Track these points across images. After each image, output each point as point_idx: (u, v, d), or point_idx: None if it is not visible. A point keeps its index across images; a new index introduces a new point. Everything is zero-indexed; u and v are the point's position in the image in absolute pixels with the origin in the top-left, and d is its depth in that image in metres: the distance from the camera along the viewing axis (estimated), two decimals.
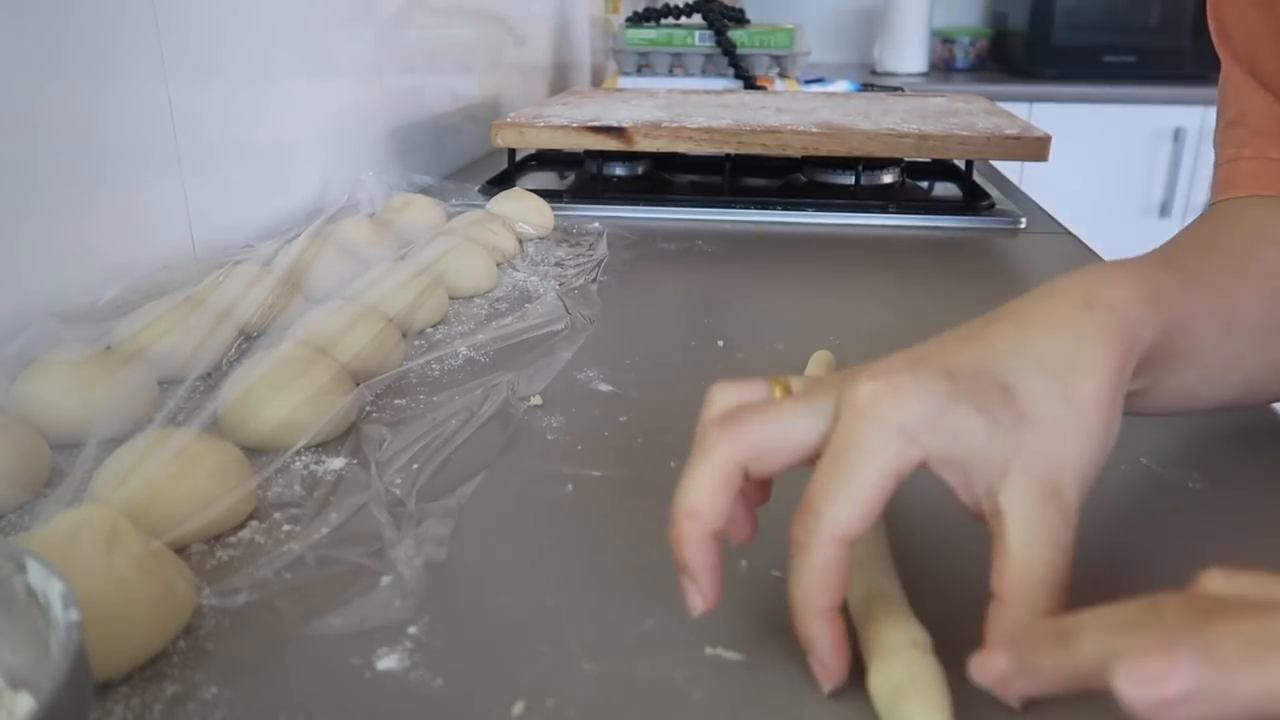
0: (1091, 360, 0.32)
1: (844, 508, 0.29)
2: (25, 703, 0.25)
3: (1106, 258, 0.78)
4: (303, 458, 0.44)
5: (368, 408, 0.49)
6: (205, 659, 0.31)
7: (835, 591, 0.29)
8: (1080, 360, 0.32)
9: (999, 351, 0.32)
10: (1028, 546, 0.29)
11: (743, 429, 0.31)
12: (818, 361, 0.53)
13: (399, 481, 0.42)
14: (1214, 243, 0.44)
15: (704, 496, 0.30)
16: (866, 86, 1.83)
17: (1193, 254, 0.43)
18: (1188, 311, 0.37)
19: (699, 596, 0.30)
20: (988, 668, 0.27)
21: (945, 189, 1.03)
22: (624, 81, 1.60)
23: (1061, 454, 0.30)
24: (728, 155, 0.95)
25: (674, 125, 0.90)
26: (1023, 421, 0.30)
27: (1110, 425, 0.32)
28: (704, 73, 1.62)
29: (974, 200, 0.94)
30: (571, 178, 1.07)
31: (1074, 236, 0.86)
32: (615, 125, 0.90)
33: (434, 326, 0.62)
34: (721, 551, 0.30)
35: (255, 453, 0.43)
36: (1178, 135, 2.21)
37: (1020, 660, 0.26)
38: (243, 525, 0.39)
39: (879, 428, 0.29)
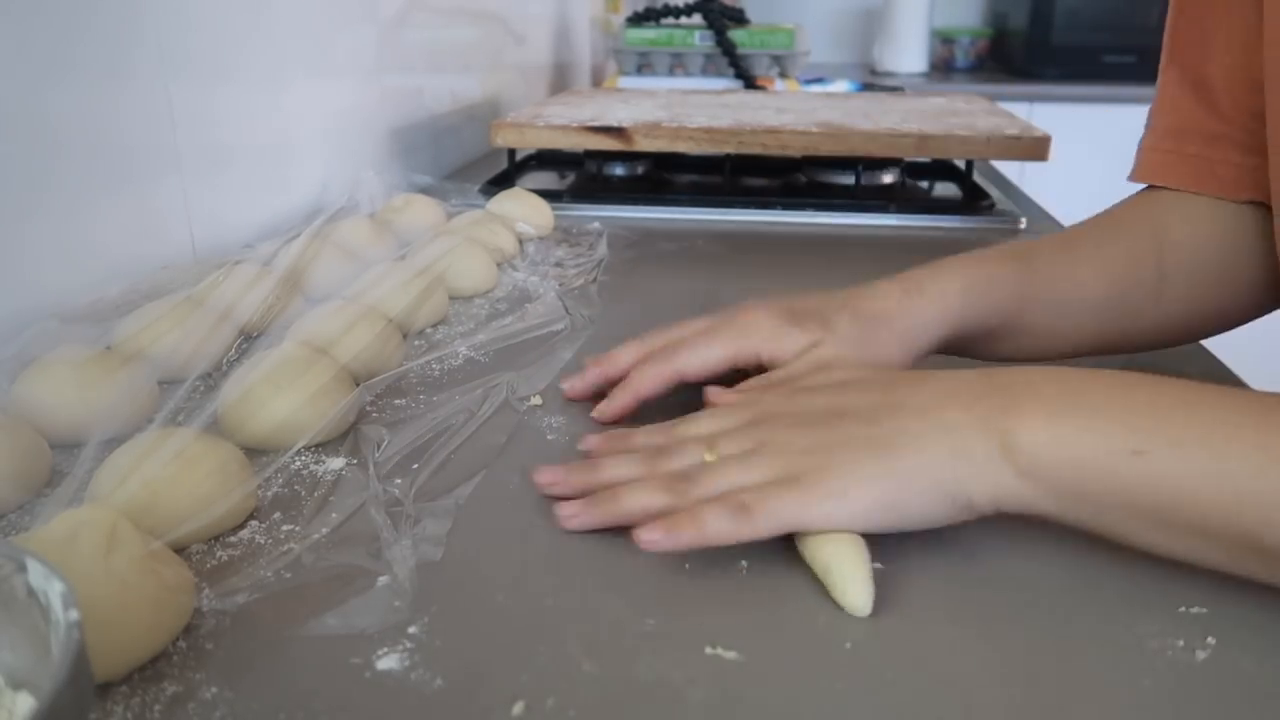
0: (893, 326, 0.48)
1: (689, 359, 0.47)
2: (25, 703, 0.25)
3: None
4: (302, 458, 0.44)
5: (367, 408, 0.49)
6: (205, 659, 0.31)
7: (648, 391, 0.47)
8: (885, 325, 0.48)
9: (834, 305, 0.49)
10: (789, 369, 0.45)
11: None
12: None
13: (398, 482, 0.42)
14: (1088, 233, 0.55)
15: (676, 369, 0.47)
16: (866, 86, 1.83)
17: (1059, 244, 0.54)
18: (1017, 298, 0.50)
19: (609, 405, 0.47)
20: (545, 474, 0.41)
21: (945, 189, 1.03)
22: (624, 81, 1.60)
23: (842, 350, 0.46)
24: (728, 155, 0.95)
25: (674, 125, 0.90)
26: (827, 333, 0.47)
27: (885, 361, 0.47)
28: (704, 73, 1.62)
29: (974, 200, 0.94)
30: (571, 178, 1.07)
31: None
32: (615, 125, 0.90)
33: (434, 326, 0.62)
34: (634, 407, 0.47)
35: (255, 453, 0.43)
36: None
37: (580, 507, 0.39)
38: (243, 525, 0.39)
39: (737, 332, 0.47)
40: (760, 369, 0.47)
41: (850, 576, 0.34)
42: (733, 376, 0.47)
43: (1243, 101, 0.51)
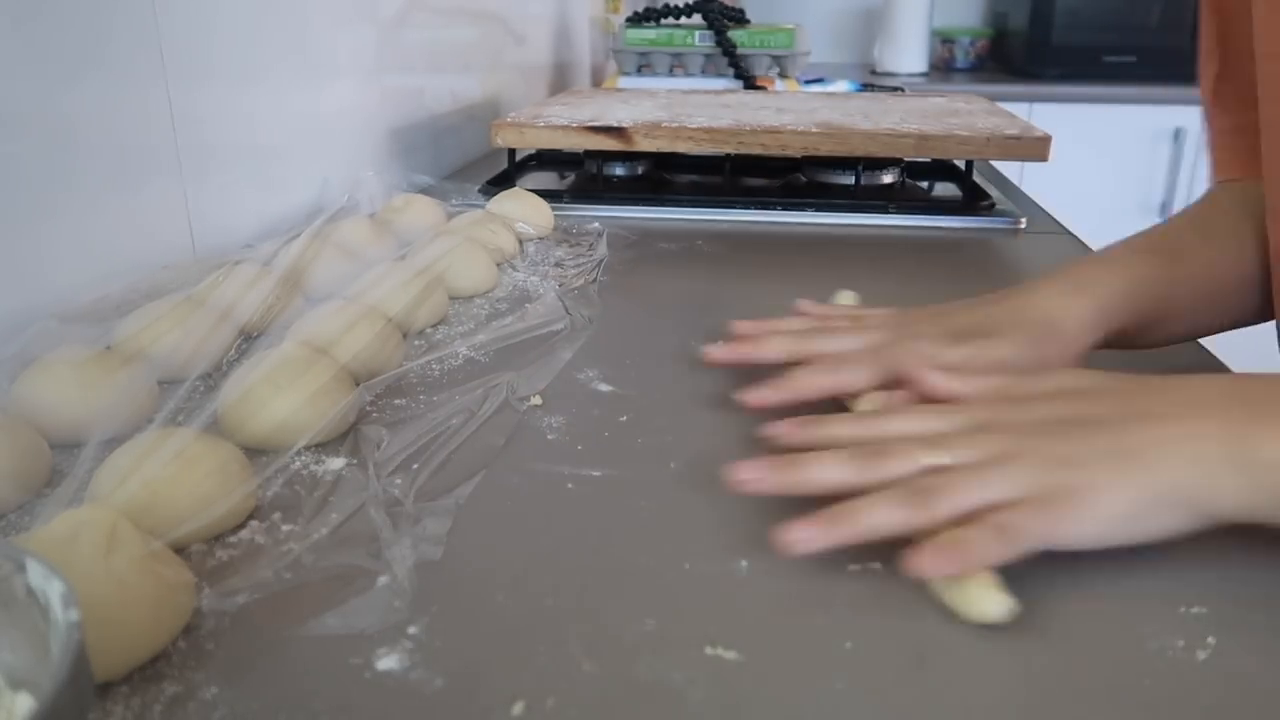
0: (1058, 328, 0.48)
1: (853, 378, 0.47)
2: (25, 703, 0.25)
3: None
4: (302, 458, 0.44)
5: (367, 408, 0.49)
6: (205, 659, 0.31)
7: (808, 398, 0.47)
8: (1049, 328, 0.48)
9: (993, 316, 0.49)
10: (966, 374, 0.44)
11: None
12: (843, 298, 0.62)
13: (398, 482, 0.42)
14: (1205, 222, 0.57)
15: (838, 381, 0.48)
16: (866, 86, 1.83)
17: (1188, 231, 0.56)
18: (1168, 287, 0.52)
19: (761, 395, 0.47)
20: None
21: (945, 189, 1.03)
22: (624, 81, 1.60)
23: (1012, 355, 0.47)
24: (728, 155, 0.95)
25: (674, 125, 0.90)
26: (991, 342, 0.47)
27: (1055, 363, 0.47)
28: (704, 73, 1.62)
29: (974, 200, 0.94)
30: (571, 178, 1.07)
31: (1074, 236, 0.86)
32: (615, 125, 0.90)
33: (434, 326, 0.62)
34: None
35: (255, 453, 0.43)
36: (1178, 135, 2.21)
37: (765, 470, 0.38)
38: (243, 525, 0.39)
39: (903, 354, 0.47)
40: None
41: (983, 585, 0.33)
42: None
43: None
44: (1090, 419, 0.38)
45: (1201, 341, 0.58)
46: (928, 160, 1.05)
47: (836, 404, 0.48)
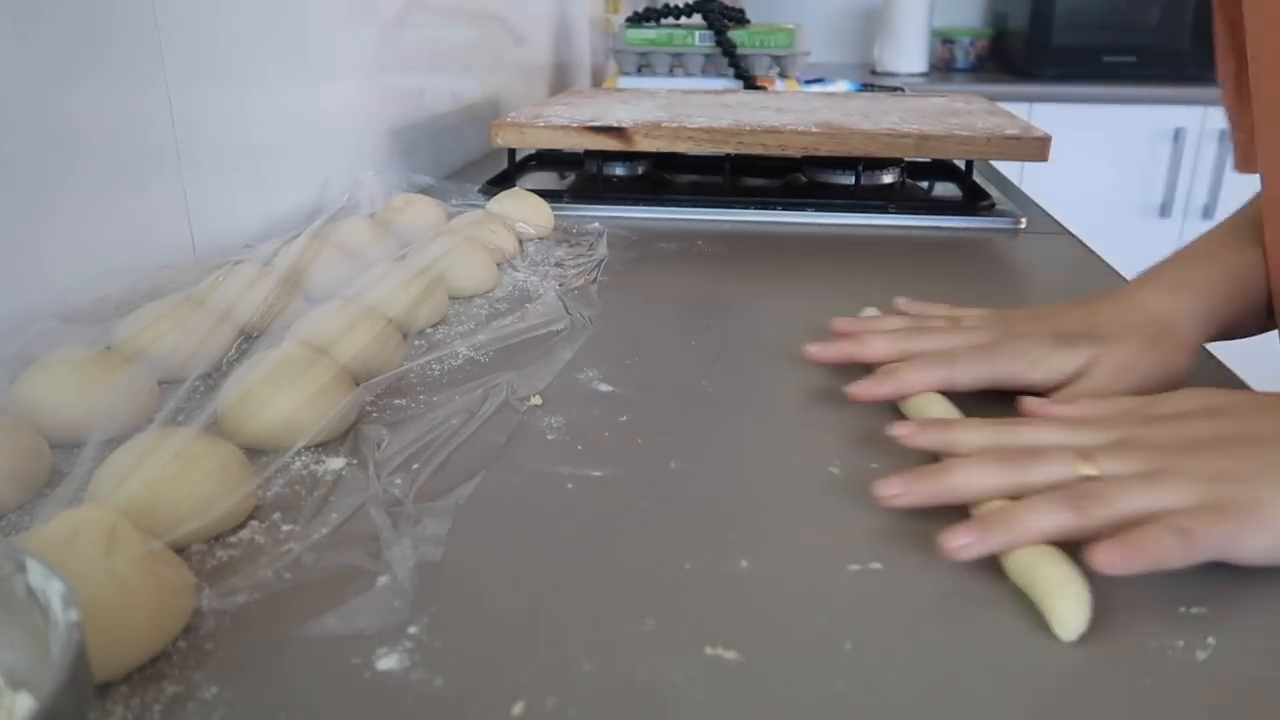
0: (1171, 328, 0.48)
1: (960, 374, 0.47)
2: (25, 703, 0.25)
3: (1106, 258, 0.78)
4: (302, 458, 0.44)
5: (367, 408, 0.49)
6: (205, 659, 0.31)
7: (913, 392, 0.47)
8: (1163, 327, 0.48)
9: (1100, 318, 0.49)
10: (1090, 378, 0.46)
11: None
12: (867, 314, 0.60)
13: (398, 481, 0.42)
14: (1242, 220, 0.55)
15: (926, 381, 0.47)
16: (866, 86, 1.83)
17: (1245, 223, 0.54)
18: (1262, 280, 0.50)
19: (868, 388, 0.47)
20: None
21: (945, 189, 1.03)
22: (624, 81, 1.60)
23: (1133, 357, 0.46)
24: (728, 155, 0.95)
25: (674, 125, 0.90)
26: (1106, 345, 0.47)
27: (1174, 364, 0.47)
28: (704, 73, 1.61)
29: (974, 200, 0.94)
30: (571, 178, 1.07)
31: (1074, 236, 0.86)
32: (615, 125, 0.90)
33: (434, 326, 0.62)
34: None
35: (255, 453, 0.43)
36: (1178, 135, 2.21)
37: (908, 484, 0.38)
38: (243, 525, 0.39)
39: (1010, 354, 0.48)
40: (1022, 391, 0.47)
41: (1071, 596, 0.33)
42: None
43: None
44: (1235, 437, 0.37)
45: (1207, 347, 0.58)
46: (928, 160, 1.05)
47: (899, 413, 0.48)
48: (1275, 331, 0.56)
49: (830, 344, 0.52)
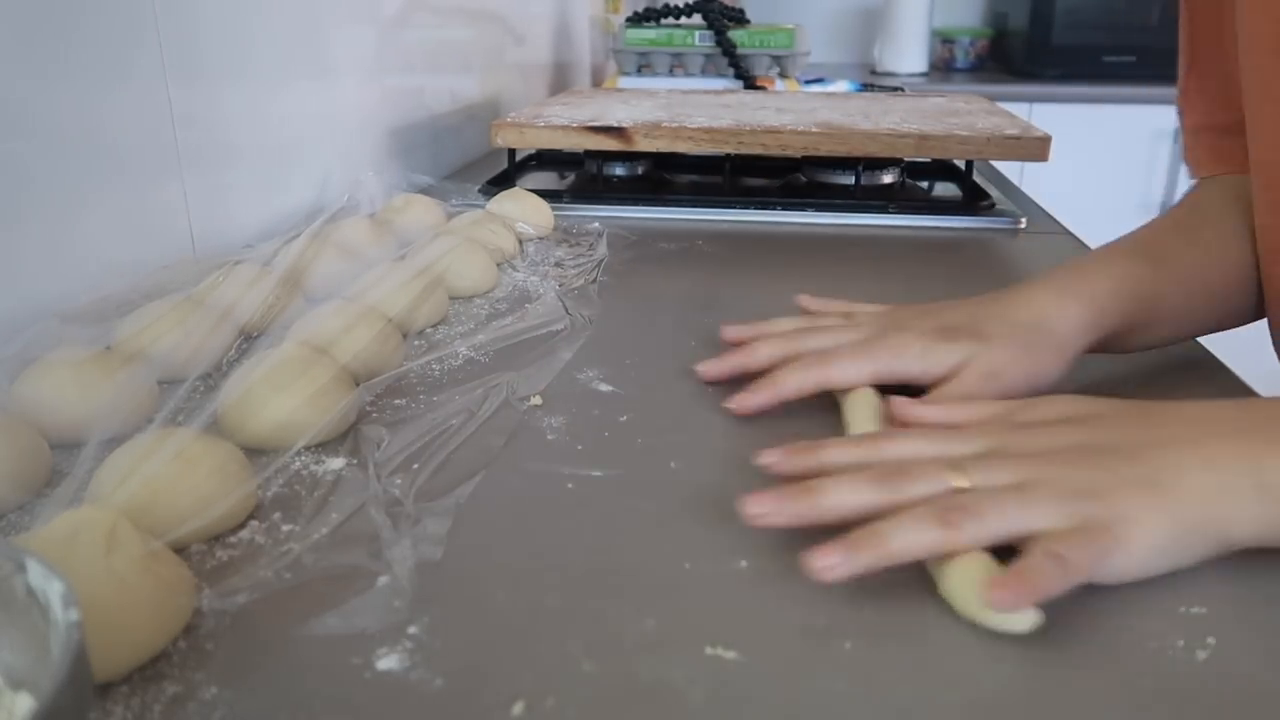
0: (1051, 331, 0.48)
1: (838, 373, 0.48)
2: (25, 703, 0.25)
3: None
4: (302, 458, 0.44)
5: (367, 408, 0.49)
6: (205, 659, 0.31)
7: (791, 394, 0.48)
8: (1042, 331, 0.48)
9: (984, 315, 0.49)
10: (959, 382, 0.46)
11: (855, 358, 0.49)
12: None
13: (398, 481, 0.42)
14: (1189, 224, 0.57)
15: (828, 377, 0.48)
16: (866, 86, 1.83)
17: (1173, 234, 0.56)
18: (1155, 290, 0.51)
19: (747, 399, 0.48)
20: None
21: (945, 189, 1.03)
22: (624, 81, 1.60)
23: (1005, 359, 0.47)
24: (728, 155, 0.95)
25: (674, 125, 0.90)
26: (984, 343, 0.47)
27: (1046, 369, 0.47)
28: (704, 73, 1.62)
29: (974, 200, 0.94)
30: (571, 178, 1.07)
31: (1074, 236, 0.86)
32: (615, 125, 0.90)
33: (434, 327, 0.62)
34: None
35: (255, 453, 0.43)
36: (1178, 135, 2.21)
37: (777, 502, 0.36)
38: (243, 525, 0.39)
39: (888, 350, 0.48)
40: (903, 389, 0.47)
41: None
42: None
43: None
44: (1105, 445, 0.37)
45: (1207, 348, 0.58)
46: (928, 160, 1.05)
47: (830, 400, 0.48)
48: (1267, 331, 0.56)
49: (721, 358, 0.52)
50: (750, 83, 1.56)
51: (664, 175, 1.05)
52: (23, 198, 0.52)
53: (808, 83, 1.76)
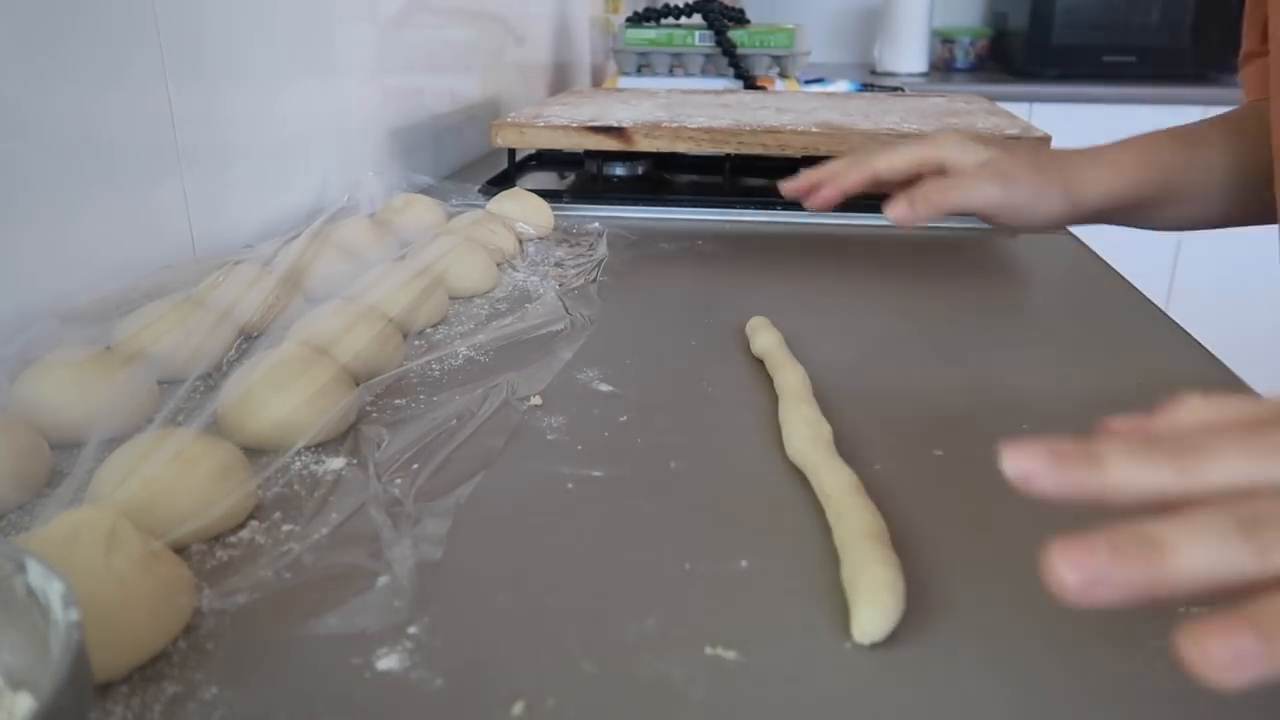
0: (1069, 169, 0.60)
1: (883, 161, 0.63)
2: (25, 703, 0.25)
3: (1107, 258, 0.78)
4: (302, 458, 0.44)
5: (367, 408, 0.49)
6: (205, 659, 0.31)
7: (850, 184, 0.64)
8: (1063, 169, 0.60)
9: (1017, 143, 0.65)
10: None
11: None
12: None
13: (398, 481, 0.42)
14: (1229, 125, 0.64)
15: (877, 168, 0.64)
16: (866, 86, 1.83)
17: (1211, 128, 0.63)
18: (1186, 171, 0.59)
19: (819, 195, 0.65)
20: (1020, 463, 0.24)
21: None
22: (624, 81, 1.60)
23: (1018, 165, 0.59)
24: (728, 155, 0.95)
25: (674, 125, 0.90)
26: (1006, 154, 0.60)
27: (1053, 191, 0.60)
28: (704, 73, 1.62)
29: None
30: (571, 178, 1.07)
31: (1074, 237, 0.86)
32: (615, 125, 0.90)
33: (434, 327, 0.62)
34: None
35: (255, 453, 0.43)
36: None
37: (1050, 461, 0.24)
38: (243, 525, 0.39)
39: (927, 143, 0.63)
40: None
41: (871, 602, 0.32)
42: None
43: None
44: None
45: (1207, 347, 0.58)
46: None
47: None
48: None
49: (796, 177, 0.68)
50: (750, 83, 1.56)
51: (664, 175, 1.05)
52: (23, 198, 0.52)
53: (808, 83, 1.76)
